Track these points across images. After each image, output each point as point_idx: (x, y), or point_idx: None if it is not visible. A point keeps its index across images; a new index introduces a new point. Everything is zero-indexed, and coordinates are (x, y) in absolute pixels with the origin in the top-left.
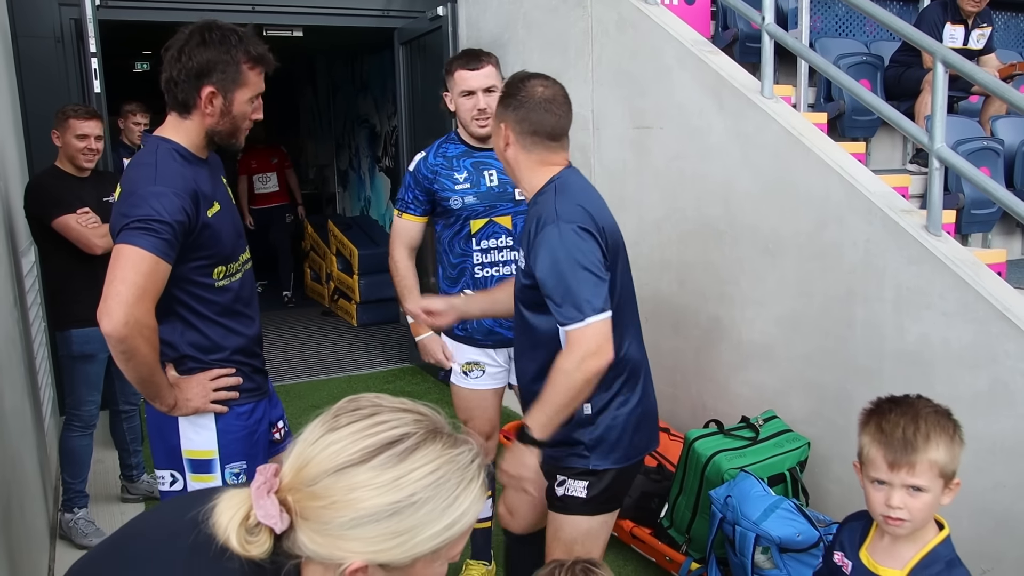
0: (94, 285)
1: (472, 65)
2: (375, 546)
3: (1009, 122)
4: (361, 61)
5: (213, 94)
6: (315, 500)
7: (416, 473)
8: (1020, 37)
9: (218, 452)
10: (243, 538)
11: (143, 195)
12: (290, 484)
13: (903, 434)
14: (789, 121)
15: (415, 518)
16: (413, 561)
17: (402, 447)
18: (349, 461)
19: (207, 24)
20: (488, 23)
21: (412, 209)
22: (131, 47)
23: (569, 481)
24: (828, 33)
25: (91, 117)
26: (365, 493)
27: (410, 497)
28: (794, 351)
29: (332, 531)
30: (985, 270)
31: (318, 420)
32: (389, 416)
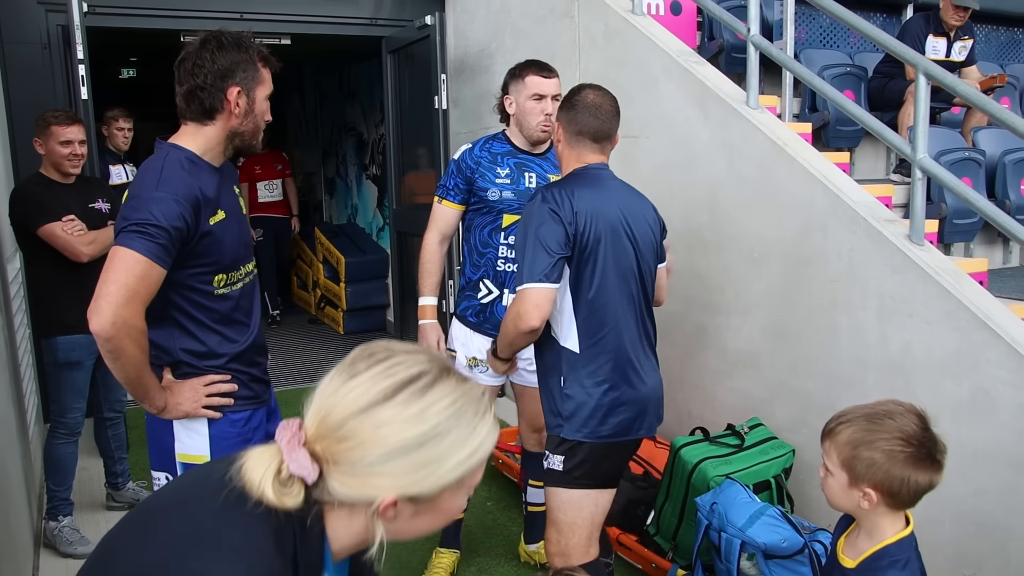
0: (80, 292)
1: (545, 73)
2: (405, 479)
3: (990, 133)
4: (348, 69)
5: (240, 93)
6: (343, 443)
7: (437, 406)
8: (1000, 49)
9: (210, 457)
10: (278, 491)
11: (144, 199)
12: (316, 434)
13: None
14: (774, 131)
15: (440, 448)
16: (440, 491)
17: (421, 383)
18: (373, 401)
19: (216, 32)
20: (476, 32)
21: (452, 196)
22: (116, 54)
23: (551, 455)
24: (812, 44)
25: (73, 122)
26: (392, 428)
27: (434, 428)
28: (779, 359)
29: (363, 470)
30: (967, 279)
31: (334, 372)
32: (403, 357)
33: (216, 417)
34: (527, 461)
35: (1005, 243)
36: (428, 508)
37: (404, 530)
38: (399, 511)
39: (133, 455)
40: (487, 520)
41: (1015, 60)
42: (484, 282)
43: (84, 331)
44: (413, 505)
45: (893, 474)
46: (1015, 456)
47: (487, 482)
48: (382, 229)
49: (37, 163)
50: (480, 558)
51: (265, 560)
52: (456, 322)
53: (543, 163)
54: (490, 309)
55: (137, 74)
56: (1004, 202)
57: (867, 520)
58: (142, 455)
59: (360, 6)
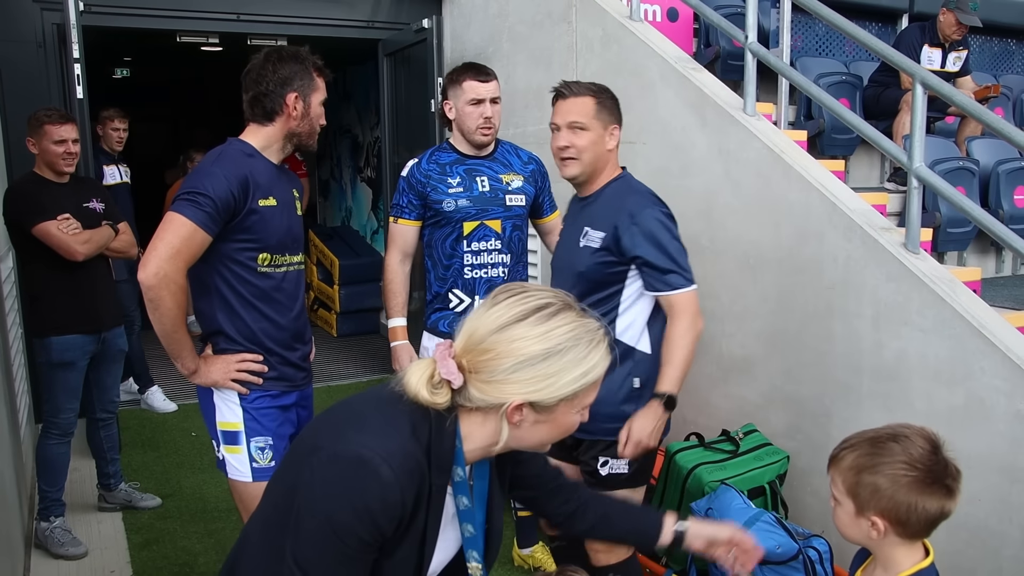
0: (75, 292)
1: (482, 77)
2: (530, 387)
3: (984, 143)
4: (344, 72)
5: (297, 98)
6: (484, 355)
7: (560, 328)
8: (994, 60)
9: (243, 425)
10: (430, 391)
11: (198, 173)
12: (463, 348)
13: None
14: (771, 138)
15: (560, 363)
16: (558, 402)
17: (548, 311)
18: (509, 321)
19: (277, 47)
20: (473, 36)
21: (407, 214)
22: (111, 53)
23: (612, 461)
24: (808, 53)
25: (66, 121)
26: (523, 343)
27: (557, 346)
28: (774, 366)
29: (497, 377)
30: (962, 288)
31: (480, 305)
32: (535, 291)
33: (243, 392)
34: None
35: (998, 252)
36: (547, 418)
37: (525, 437)
38: (524, 416)
39: (125, 456)
40: None
41: (1008, 71)
42: (454, 292)
43: (78, 331)
44: (535, 413)
45: (899, 500)
46: (1009, 464)
47: None
48: (376, 232)
49: (31, 162)
50: None
51: (397, 439)
52: (426, 334)
53: (492, 164)
54: (464, 317)
55: (131, 74)
56: (997, 211)
57: (881, 552)
58: (134, 456)
59: (357, 9)
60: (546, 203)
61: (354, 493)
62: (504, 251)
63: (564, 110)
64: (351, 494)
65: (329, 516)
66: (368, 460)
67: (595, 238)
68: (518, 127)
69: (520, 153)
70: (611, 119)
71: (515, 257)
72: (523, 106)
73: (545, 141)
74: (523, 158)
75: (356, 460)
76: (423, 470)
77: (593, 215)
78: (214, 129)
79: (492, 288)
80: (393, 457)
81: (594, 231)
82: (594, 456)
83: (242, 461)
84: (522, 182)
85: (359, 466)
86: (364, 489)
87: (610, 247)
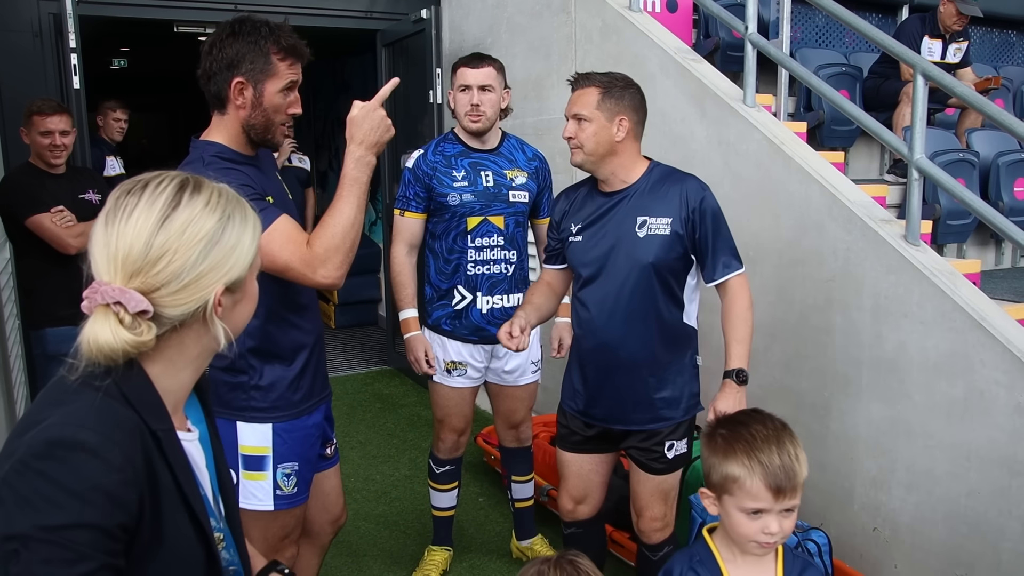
0: (69, 284)
1: (473, 64)
2: (224, 267)
3: (984, 135)
4: (342, 62)
5: (242, 84)
6: (158, 264)
7: (215, 195)
8: (994, 51)
9: (272, 449)
10: (133, 334)
11: None
12: (127, 275)
13: (781, 460)
14: (771, 130)
15: (235, 229)
16: (246, 272)
17: (191, 184)
18: (163, 213)
19: (239, 18)
20: (471, 27)
21: (413, 206)
22: (107, 43)
23: (676, 443)
24: (808, 44)
25: (55, 112)
26: (195, 226)
27: (224, 212)
28: (773, 358)
29: (188, 276)
30: (962, 280)
31: (99, 228)
32: (157, 179)
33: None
34: (508, 458)
35: (998, 244)
36: (241, 294)
37: (232, 323)
38: (224, 305)
39: None
40: (479, 516)
41: (1008, 62)
42: (457, 289)
43: (74, 323)
44: (232, 294)
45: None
46: (1008, 457)
47: (478, 478)
48: (374, 223)
49: (27, 153)
50: (472, 554)
51: (78, 403)
52: (428, 331)
53: (497, 159)
54: (464, 314)
55: (128, 64)
56: (997, 203)
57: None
58: None
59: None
60: (544, 204)
61: (69, 481)
62: (507, 247)
63: (571, 101)
64: (66, 484)
65: (47, 527)
66: (61, 438)
67: (661, 225)
68: (517, 118)
69: (526, 149)
70: (618, 109)
71: (519, 252)
72: (522, 97)
73: (544, 132)
74: (528, 154)
75: (45, 445)
76: (134, 420)
77: (646, 204)
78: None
79: (494, 285)
80: (86, 418)
81: (655, 219)
82: (660, 441)
83: (264, 489)
84: (526, 178)
85: (53, 449)
86: (76, 470)
87: (679, 232)
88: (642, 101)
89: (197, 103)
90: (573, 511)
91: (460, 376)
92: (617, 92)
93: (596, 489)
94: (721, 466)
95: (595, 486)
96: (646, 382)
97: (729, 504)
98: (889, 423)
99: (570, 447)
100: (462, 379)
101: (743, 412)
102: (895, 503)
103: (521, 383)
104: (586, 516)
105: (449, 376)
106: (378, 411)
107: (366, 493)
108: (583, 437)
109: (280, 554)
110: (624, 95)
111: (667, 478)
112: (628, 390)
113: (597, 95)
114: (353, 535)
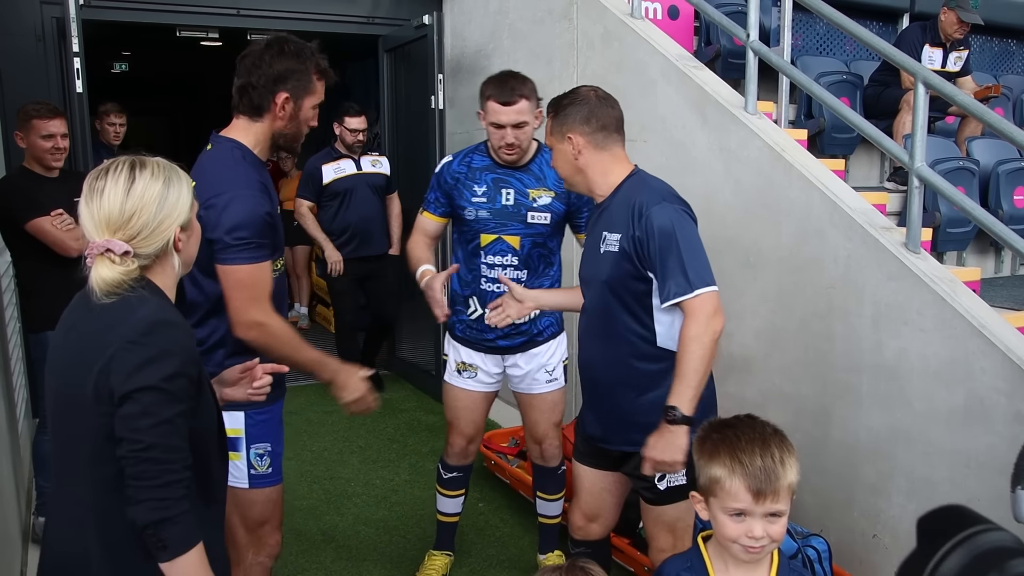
0: (69, 287)
1: (504, 99)
2: (174, 213)
3: (984, 143)
4: (344, 67)
5: (287, 99)
6: (131, 220)
7: (158, 166)
8: (994, 60)
9: (244, 431)
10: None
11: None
12: (111, 231)
13: (763, 462)
14: (772, 137)
15: (176, 186)
16: (192, 214)
17: (139, 162)
18: (126, 187)
19: (283, 37)
20: (473, 33)
21: (433, 208)
22: (109, 47)
23: (669, 474)
24: (808, 52)
25: (54, 115)
26: (150, 189)
27: (167, 176)
28: (773, 364)
29: (153, 225)
30: (962, 288)
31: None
32: (115, 164)
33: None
34: (536, 474)
35: (997, 252)
36: (191, 231)
37: (187, 254)
38: (182, 239)
39: None
40: (479, 522)
41: (1008, 71)
42: (472, 300)
43: None
44: (184, 232)
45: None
46: (1008, 465)
47: (479, 483)
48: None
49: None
50: (472, 559)
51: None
52: (448, 337)
53: (524, 176)
54: (477, 325)
55: (129, 68)
56: (997, 212)
57: None
58: None
59: (357, 4)
60: (584, 219)
61: (170, 345)
62: (520, 267)
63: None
64: (168, 347)
65: (160, 378)
66: (157, 319)
67: (613, 242)
68: None
69: None
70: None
71: (533, 273)
72: None
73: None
74: None
75: (149, 324)
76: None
77: (610, 218)
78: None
79: None
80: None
81: (611, 234)
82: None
83: (239, 468)
84: (551, 199)
85: (155, 327)
86: (173, 338)
87: (626, 249)
88: (591, 112)
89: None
90: (584, 528)
91: (470, 378)
92: (561, 112)
93: (609, 510)
94: (706, 468)
95: (608, 506)
96: (628, 401)
97: (714, 506)
98: (889, 430)
99: (582, 458)
100: (472, 382)
101: (736, 417)
102: (895, 510)
103: (535, 391)
104: (597, 536)
105: (459, 376)
106: (378, 415)
107: (366, 498)
108: (592, 449)
109: (262, 542)
110: (567, 112)
111: (666, 509)
112: (611, 408)
113: (550, 120)
114: (353, 540)
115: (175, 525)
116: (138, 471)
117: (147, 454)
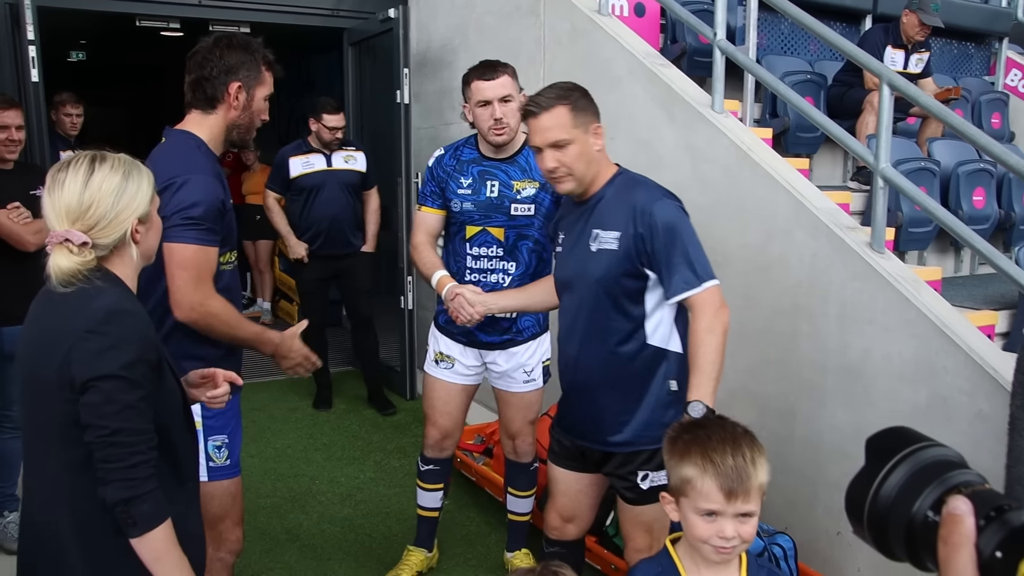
0: (27, 282)
1: (488, 75)
2: (132, 205)
3: (945, 144)
4: (308, 60)
5: (240, 88)
6: (88, 212)
7: (117, 160)
8: (953, 62)
9: (201, 423)
10: (82, 260)
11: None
12: (71, 222)
13: (734, 462)
14: (739, 136)
15: (135, 179)
16: (150, 208)
17: (99, 156)
18: (84, 180)
19: (229, 34)
20: (439, 27)
21: (430, 202)
22: (66, 36)
23: (651, 473)
24: (773, 51)
25: (8, 106)
26: (108, 182)
27: (126, 170)
28: (739, 363)
29: (111, 216)
30: (925, 287)
31: (47, 197)
32: (75, 158)
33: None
34: (508, 469)
35: (957, 252)
36: (150, 224)
37: (145, 246)
38: (139, 231)
39: None
40: (445, 519)
41: (967, 73)
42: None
43: None
44: (143, 225)
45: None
46: (972, 465)
47: None
48: None
49: None
50: (440, 557)
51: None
52: (433, 328)
53: (510, 168)
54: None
55: (87, 57)
56: (957, 212)
57: None
58: None
59: None
60: None
61: (127, 334)
62: (507, 259)
63: (541, 128)
64: (126, 336)
65: (119, 366)
66: (114, 308)
67: (610, 239)
68: None
69: None
70: (590, 118)
71: (522, 266)
72: None
73: None
74: None
75: (106, 314)
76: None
77: (601, 216)
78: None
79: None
80: (123, 297)
81: (606, 232)
82: (633, 471)
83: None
84: (536, 190)
85: (112, 316)
86: (129, 327)
87: (628, 247)
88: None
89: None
90: (560, 529)
91: (447, 369)
92: (582, 101)
93: (586, 511)
94: (677, 468)
95: (585, 508)
96: (609, 402)
97: (685, 506)
98: (854, 429)
99: (557, 460)
100: (449, 372)
101: (706, 417)
102: None
103: (512, 390)
104: (573, 537)
105: (436, 367)
106: (342, 412)
107: (331, 496)
108: (568, 451)
109: (223, 537)
110: (587, 102)
111: (646, 509)
112: (591, 408)
113: (568, 113)
114: (318, 538)
115: (144, 503)
116: (106, 455)
117: (114, 438)
